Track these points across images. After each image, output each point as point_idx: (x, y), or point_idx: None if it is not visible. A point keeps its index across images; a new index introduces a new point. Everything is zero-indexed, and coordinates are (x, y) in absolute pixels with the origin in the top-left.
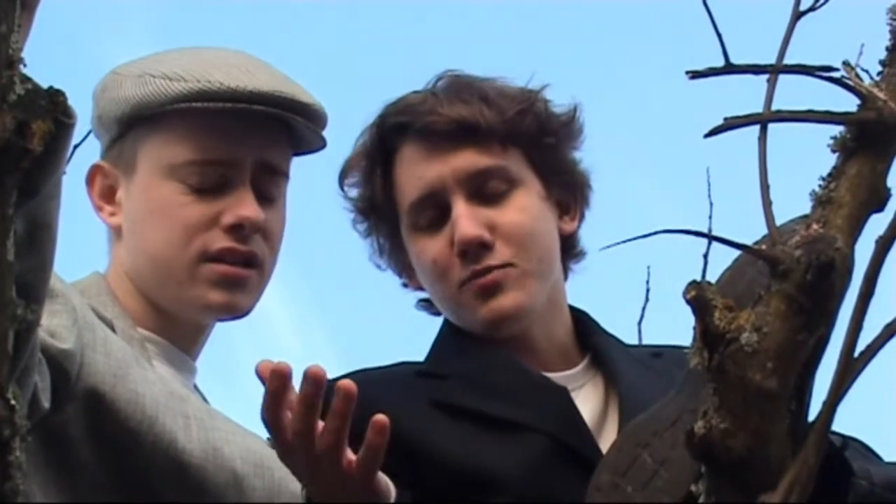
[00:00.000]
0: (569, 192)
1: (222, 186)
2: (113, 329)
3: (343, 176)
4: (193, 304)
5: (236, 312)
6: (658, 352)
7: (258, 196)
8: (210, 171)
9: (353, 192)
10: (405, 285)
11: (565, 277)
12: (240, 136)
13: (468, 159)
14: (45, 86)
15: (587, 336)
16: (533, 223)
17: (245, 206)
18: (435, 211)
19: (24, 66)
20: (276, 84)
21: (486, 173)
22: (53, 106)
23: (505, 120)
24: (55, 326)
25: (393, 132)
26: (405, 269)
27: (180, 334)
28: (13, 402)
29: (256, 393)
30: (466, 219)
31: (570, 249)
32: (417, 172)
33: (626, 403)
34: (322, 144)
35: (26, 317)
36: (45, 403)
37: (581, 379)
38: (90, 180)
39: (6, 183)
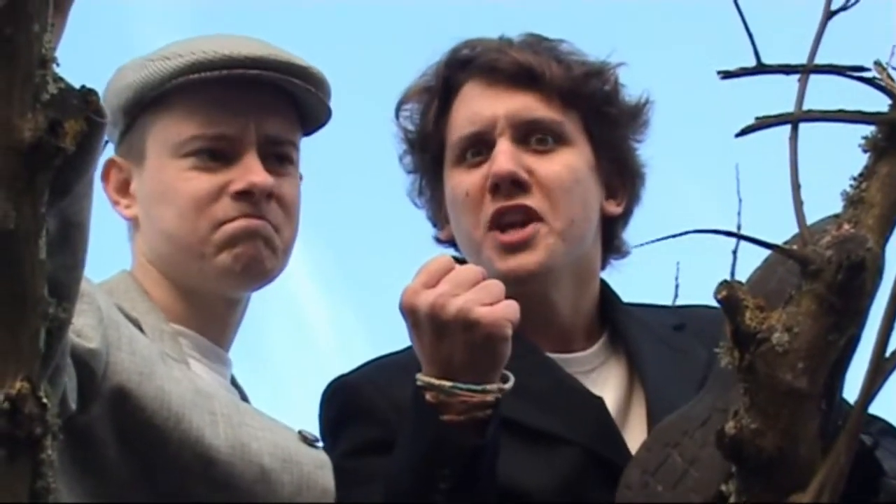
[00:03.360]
0: (619, 175)
1: (229, 158)
2: (140, 328)
3: (400, 105)
4: (218, 273)
5: (258, 269)
6: (681, 323)
7: (267, 165)
8: (215, 144)
9: (407, 124)
10: (437, 239)
11: (602, 268)
12: (241, 107)
13: (524, 104)
14: (77, 85)
15: (608, 310)
16: (573, 181)
17: (253, 173)
18: (480, 148)
19: (57, 65)
20: (271, 50)
21: (538, 123)
22: (86, 105)
23: (570, 77)
24: (81, 326)
25: (458, 67)
26: (440, 214)
27: (211, 323)
28: (45, 400)
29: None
30: (505, 154)
31: (611, 238)
32: (472, 108)
33: (652, 400)
34: (328, 115)
35: (58, 315)
36: (73, 403)
37: (601, 356)
38: (105, 176)
39: (38, 181)
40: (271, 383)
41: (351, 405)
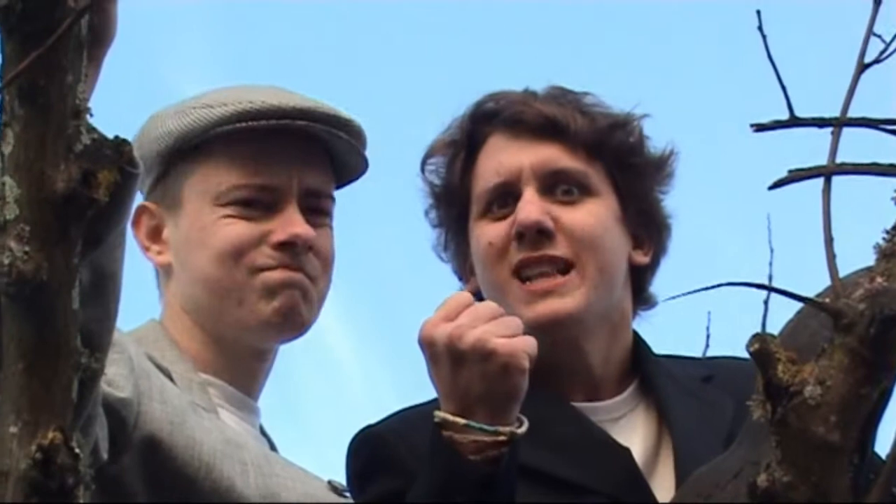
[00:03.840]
0: (645, 226)
1: (269, 208)
2: (170, 377)
3: (425, 160)
4: (254, 321)
5: (296, 319)
6: (709, 374)
7: (305, 217)
8: (257, 195)
9: (433, 178)
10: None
11: (633, 317)
12: (284, 157)
13: (549, 155)
14: (110, 136)
15: (639, 360)
16: (601, 230)
17: (295, 224)
18: (506, 200)
19: (91, 115)
20: (315, 102)
21: (563, 174)
22: (119, 156)
23: (595, 129)
24: (112, 375)
25: (483, 120)
26: (465, 266)
27: (241, 373)
28: (77, 450)
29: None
30: (531, 203)
31: (640, 289)
32: (498, 159)
33: (680, 451)
34: (364, 167)
35: (91, 365)
36: (104, 453)
37: (630, 404)
38: (136, 221)
39: (72, 232)
40: (303, 432)
41: (376, 456)
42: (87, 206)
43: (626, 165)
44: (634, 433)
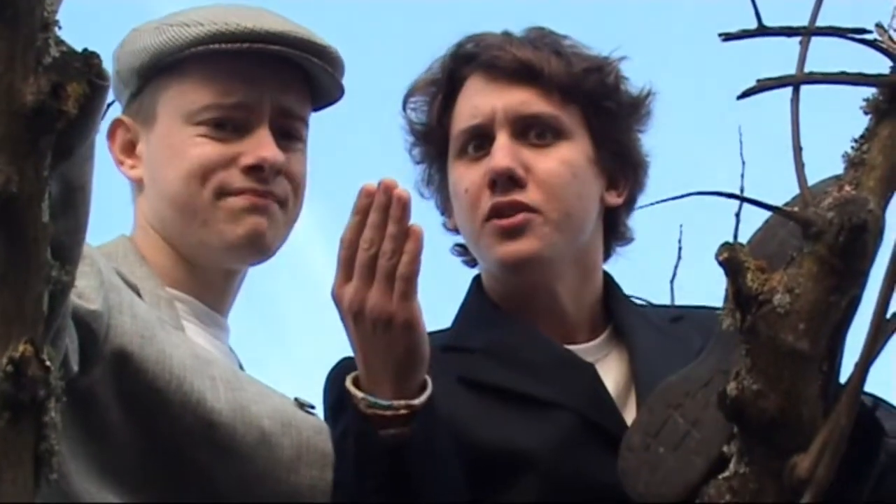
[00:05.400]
0: (621, 165)
1: (241, 129)
2: (139, 293)
3: (407, 98)
4: (217, 243)
5: (260, 244)
6: (679, 315)
7: (277, 140)
8: (228, 114)
9: (413, 116)
10: (445, 226)
11: (606, 256)
12: (257, 79)
13: (522, 99)
14: (79, 48)
15: (612, 304)
16: (570, 176)
17: (264, 147)
18: (480, 142)
19: (59, 28)
20: (292, 26)
21: (535, 118)
22: (88, 68)
23: (570, 73)
24: (83, 287)
25: (462, 62)
26: (447, 203)
27: (209, 289)
28: (48, 362)
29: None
30: (503, 150)
31: (613, 227)
32: (473, 102)
33: (640, 376)
34: (340, 93)
35: (61, 278)
36: (74, 366)
37: (604, 349)
38: (111, 135)
39: (41, 144)
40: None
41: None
42: (56, 118)
43: (600, 108)
44: (607, 377)
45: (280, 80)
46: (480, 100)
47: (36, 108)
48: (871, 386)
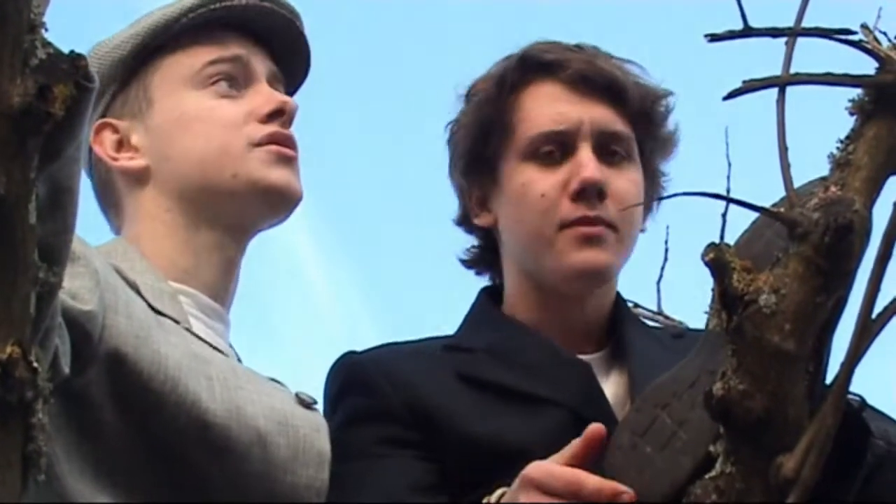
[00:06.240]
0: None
1: (247, 84)
2: (138, 290)
3: (470, 91)
4: (256, 188)
5: (296, 194)
6: (680, 333)
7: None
8: (231, 68)
9: (468, 110)
10: (467, 220)
11: None
12: (250, 35)
13: (609, 116)
14: (66, 50)
15: (617, 317)
16: (638, 199)
17: (276, 94)
18: (557, 149)
19: (46, 30)
20: None
21: (616, 136)
22: (75, 70)
23: (643, 99)
24: (77, 288)
25: (537, 68)
26: (481, 198)
27: (213, 281)
28: (35, 364)
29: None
30: (593, 163)
31: None
32: (558, 108)
33: (638, 387)
34: (305, 74)
35: (48, 279)
36: (66, 367)
37: (604, 366)
38: (97, 139)
39: (28, 146)
40: (276, 348)
41: (349, 380)
42: (43, 120)
43: (654, 138)
44: (606, 385)
45: (272, 41)
46: (565, 107)
47: (23, 109)
48: (857, 386)
